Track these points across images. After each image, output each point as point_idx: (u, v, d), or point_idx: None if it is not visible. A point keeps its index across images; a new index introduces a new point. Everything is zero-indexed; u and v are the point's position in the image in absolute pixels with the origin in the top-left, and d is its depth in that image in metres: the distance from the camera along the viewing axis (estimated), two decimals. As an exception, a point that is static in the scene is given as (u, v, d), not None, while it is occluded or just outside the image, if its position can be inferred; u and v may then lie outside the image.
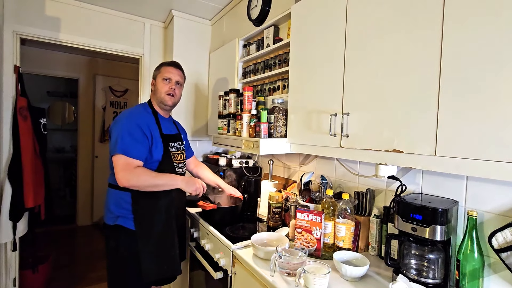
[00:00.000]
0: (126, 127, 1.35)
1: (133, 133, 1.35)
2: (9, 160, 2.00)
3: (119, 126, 1.37)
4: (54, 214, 2.45)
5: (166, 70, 1.53)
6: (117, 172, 1.29)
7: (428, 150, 0.87)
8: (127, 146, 1.32)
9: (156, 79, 1.54)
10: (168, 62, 1.58)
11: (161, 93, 1.51)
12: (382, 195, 1.35)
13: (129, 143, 1.32)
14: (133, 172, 1.30)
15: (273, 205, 1.61)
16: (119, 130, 1.35)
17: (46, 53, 3.71)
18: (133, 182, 1.29)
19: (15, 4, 2.04)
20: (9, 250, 2.04)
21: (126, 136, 1.33)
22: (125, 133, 1.33)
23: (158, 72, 1.54)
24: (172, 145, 1.52)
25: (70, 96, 4.82)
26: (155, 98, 1.54)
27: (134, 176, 1.29)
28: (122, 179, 1.28)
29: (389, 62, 0.98)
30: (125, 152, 1.31)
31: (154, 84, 1.56)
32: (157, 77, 1.54)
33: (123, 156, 1.30)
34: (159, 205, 1.43)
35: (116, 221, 1.38)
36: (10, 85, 2.03)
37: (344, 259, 1.15)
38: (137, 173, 1.31)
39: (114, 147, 1.32)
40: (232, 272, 1.35)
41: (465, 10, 0.78)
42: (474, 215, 0.92)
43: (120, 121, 1.39)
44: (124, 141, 1.32)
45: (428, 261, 1.02)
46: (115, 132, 1.35)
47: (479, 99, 0.76)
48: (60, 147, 4.88)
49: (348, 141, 1.14)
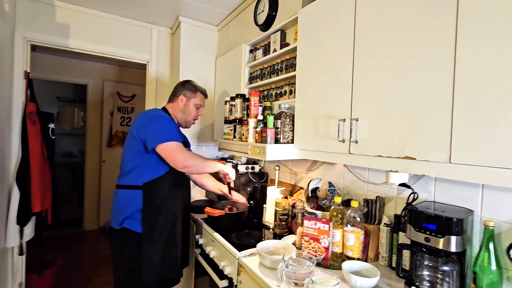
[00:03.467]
0: (167, 121, 1.49)
1: (174, 127, 1.50)
2: (17, 165, 2.02)
3: (159, 123, 1.46)
4: (61, 218, 2.45)
5: (202, 98, 1.71)
6: (176, 155, 1.39)
7: (443, 157, 0.83)
8: (174, 135, 1.44)
9: (189, 101, 1.66)
10: (203, 91, 1.74)
11: (189, 116, 1.67)
12: (392, 203, 1.31)
13: (174, 133, 1.46)
14: (189, 154, 1.45)
15: (279, 212, 1.58)
16: (161, 125, 1.45)
17: (56, 59, 3.78)
18: (191, 162, 1.42)
19: (27, 11, 2.09)
20: (16, 254, 2.05)
21: (171, 128, 1.47)
22: (169, 125, 1.47)
23: (194, 97, 1.67)
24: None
25: (79, 101, 4.90)
26: (181, 116, 1.66)
27: (191, 157, 1.44)
28: (183, 160, 1.39)
29: (400, 65, 0.96)
30: (175, 139, 1.43)
31: (184, 103, 1.66)
32: (191, 99, 1.66)
33: (174, 142, 1.41)
34: (167, 206, 1.46)
35: (123, 224, 1.40)
36: (20, 90, 2.06)
37: (354, 269, 1.11)
38: (191, 154, 1.47)
39: (163, 137, 1.40)
40: (238, 281, 1.32)
41: (480, 11, 0.75)
42: (491, 226, 0.88)
43: (157, 116, 1.49)
44: (171, 131, 1.45)
45: (442, 273, 0.97)
46: (158, 127, 1.44)
47: (497, 104, 0.72)
48: (68, 151, 4.95)
49: (357, 147, 1.11)
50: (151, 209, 1.43)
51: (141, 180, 1.44)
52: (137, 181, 1.44)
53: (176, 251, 1.48)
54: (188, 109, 1.66)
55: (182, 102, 1.65)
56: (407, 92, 0.93)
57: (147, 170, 1.45)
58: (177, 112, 1.66)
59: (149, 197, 1.43)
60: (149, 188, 1.44)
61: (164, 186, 1.47)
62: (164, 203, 1.46)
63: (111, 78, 4.21)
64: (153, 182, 1.44)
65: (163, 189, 1.46)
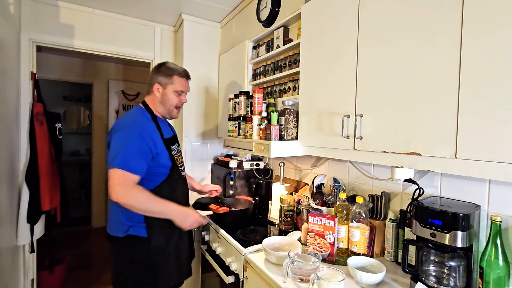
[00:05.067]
0: (130, 139, 1.25)
1: (135, 146, 1.25)
2: (26, 165, 2.05)
3: (121, 138, 1.26)
4: (70, 216, 2.49)
5: (180, 82, 1.42)
6: (113, 185, 1.18)
7: (448, 152, 0.83)
8: (127, 159, 1.21)
9: (166, 89, 1.41)
10: (181, 72, 1.44)
11: (171, 105, 1.42)
12: (397, 198, 1.31)
13: (130, 156, 1.22)
14: (131, 189, 1.20)
15: (284, 208, 1.59)
16: (122, 142, 1.25)
17: (61, 59, 3.82)
18: (128, 200, 1.19)
19: (31, 13, 2.10)
20: (27, 252, 2.09)
21: (128, 150, 1.23)
22: (128, 146, 1.24)
23: (170, 82, 1.41)
24: (172, 148, 1.45)
25: (85, 100, 4.94)
26: (161, 107, 1.43)
27: (131, 194, 1.19)
28: (117, 194, 1.18)
29: (405, 60, 0.95)
30: (123, 166, 1.20)
31: (161, 92, 1.41)
32: (168, 86, 1.40)
33: (120, 170, 1.19)
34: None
35: (128, 231, 1.31)
36: (27, 91, 2.09)
37: (359, 265, 1.12)
38: (135, 192, 1.20)
39: (113, 160, 1.21)
40: (244, 277, 1.33)
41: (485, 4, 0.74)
42: (498, 221, 0.87)
43: (122, 132, 1.28)
44: (125, 154, 1.22)
45: (448, 268, 0.97)
46: (116, 144, 1.25)
47: (502, 99, 0.72)
48: (75, 150, 5.01)
49: (361, 143, 1.11)
50: (155, 220, 1.32)
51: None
52: None
53: (183, 253, 1.43)
54: (167, 98, 1.41)
55: (158, 91, 1.41)
56: (412, 87, 0.93)
57: (143, 181, 1.29)
58: (157, 105, 1.43)
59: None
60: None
61: (164, 194, 1.33)
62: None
63: (115, 77, 4.24)
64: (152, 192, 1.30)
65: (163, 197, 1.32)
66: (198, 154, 2.50)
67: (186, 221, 1.32)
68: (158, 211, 1.27)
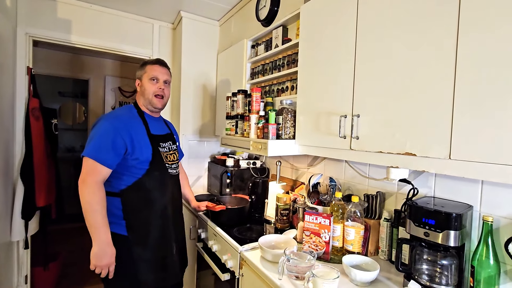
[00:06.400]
0: (103, 130, 1.28)
1: (108, 138, 1.26)
2: (21, 160, 2.04)
3: (96, 128, 1.29)
4: (65, 212, 2.48)
5: (152, 69, 1.43)
6: (82, 173, 1.24)
7: (443, 153, 0.84)
8: (99, 151, 1.24)
9: (142, 79, 1.44)
10: (152, 60, 1.47)
11: (149, 94, 1.42)
12: (392, 198, 1.33)
13: (101, 148, 1.25)
14: (92, 185, 1.23)
15: (280, 206, 1.60)
16: (96, 133, 1.28)
17: (57, 54, 3.78)
18: (81, 191, 1.23)
19: (28, 7, 2.08)
20: (21, 248, 2.08)
21: (101, 140, 1.26)
22: (100, 136, 1.26)
23: (143, 72, 1.44)
24: (162, 145, 1.45)
25: (81, 96, 4.90)
26: (143, 100, 1.45)
27: (88, 189, 1.22)
28: (80, 182, 1.23)
29: (402, 62, 0.96)
30: (95, 157, 1.23)
31: (140, 85, 1.46)
32: (143, 77, 1.44)
33: (90, 160, 1.23)
34: (154, 210, 1.36)
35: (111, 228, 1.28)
36: (23, 86, 2.07)
37: (354, 263, 1.13)
38: (92, 190, 1.22)
39: (87, 149, 1.25)
40: (240, 274, 1.34)
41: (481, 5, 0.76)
42: (489, 221, 0.89)
43: (99, 123, 1.31)
44: (97, 144, 1.25)
45: (441, 267, 0.99)
46: (92, 134, 1.29)
47: (496, 101, 0.73)
48: (71, 146, 4.96)
49: (358, 143, 1.12)
50: (134, 218, 1.33)
51: (117, 187, 1.32)
52: (114, 188, 1.32)
53: (171, 256, 1.41)
54: (144, 88, 1.43)
55: (138, 86, 1.47)
56: (409, 89, 0.94)
57: (120, 176, 1.32)
58: (140, 99, 1.47)
59: (129, 206, 1.32)
60: (127, 195, 1.32)
61: (142, 192, 1.33)
62: (150, 209, 1.35)
63: (112, 73, 4.21)
64: (129, 189, 1.32)
65: (143, 195, 1.33)
66: (195, 152, 2.50)
67: (102, 258, 1.24)
68: (94, 224, 1.23)
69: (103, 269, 1.26)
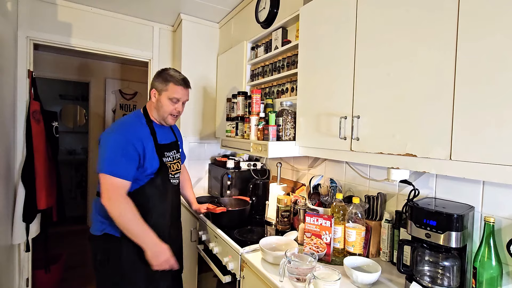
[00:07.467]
0: (116, 143, 1.25)
1: (122, 150, 1.25)
2: (22, 163, 2.04)
3: (108, 141, 1.26)
4: (66, 215, 2.48)
5: (175, 90, 1.38)
6: (104, 191, 1.21)
7: (443, 154, 0.84)
8: (115, 165, 1.22)
9: (161, 95, 1.38)
10: (177, 80, 1.39)
11: (165, 112, 1.39)
12: (393, 199, 1.32)
13: (117, 162, 1.23)
14: (119, 200, 1.22)
15: (281, 208, 1.60)
16: (108, 146, 1.25)
17: (58, 58, 3.79)
18: (112, 209, 1.20)
19: (29, 10, 2.09)
20: (22, 250, 2.08)
21: (115, 154, 1.24)
22: (114, 150, 1.24)
23: (164, 88, 1.38)
24: (167, 154, 1.44)
25: (82, 99, 4.92)
26: (156, 113, 1.42)
27: (117, 205, 1.21)
28: (105, 200, 1.21)
29: (401, 62, 0.96)
30: (112, 173, 1.21)
31: (156, 98, 1.40)
32: (162, 93, 1.38)
33: (108, 176, 1.21)
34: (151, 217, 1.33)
35: (105, 230, 1.30)
36: (23, 89, 2.08)
37: (355, 265, 1.13)
38: (122, 205, 1.22)
39: (101, 164, 1.23)
40: (241, 276, 1.34)
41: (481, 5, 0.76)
42: (491, 221, 0.89)
43: (110, 135, 1.28)
44: (113, 160, 1.23)
45: (442, 268, 0.98)
46: (104, 147, 1.25)
47: (497, 101, 0.73)
48: (72, 149, 4.97)
49: (358, 144, 1.12)
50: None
51: None
52: None
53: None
54: (161, 105, 1.38)
55: (155, 97, 1.40)
56: (409, 89, 0.94)
57: None
58: (152, 110, 1.43)
59: None
60: None
61: (142, 199, 1.32)
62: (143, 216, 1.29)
63: (113, 75, 4.22)
64: (129, 194, 1.29)
65: (142, 202, 1.31)
66: (195, 154, 2.50)
67: (158, 257, 1.26)
68: (135, 233, 1.23)
69: (165, 265, 1.29)
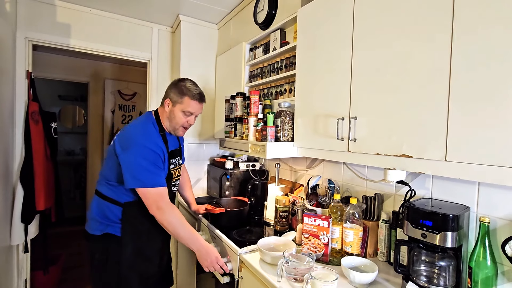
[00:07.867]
0: (146, 156, 1.28)
1: (154, 161, 1.30)
2: (21, 164, 2.04)
3: (137, 154, 1.27)
4: (65, 216, 2.48)
5: (190, 104, 1.40)
6: (152, 204, 1.27)
7: (439, 155, 0.85)
8: (152, 177, 1.27)
9: (175, 106, 1.40)
10: (194, 94, 1.41)
11: (177, 124, 1.42)
12: (391, 199, 1.33)
13: (155, 173, 1.28)
14: (169, 209, 1.28)
15: (280, 209, 1.60)
16: (140, 160, 1.26)
17: (57, 58, 3.79)
18: (166, 220, 1.27)
19: (28, 11, 2.09)
20: (21, 251, 2.08)
21: (150, 166, 1.28)
22: (147, 163, 1.27)
23: (179, 101, 1.39)
24: (172, 161, 1.47)
25: (80, 99, 4.92)
26: (168, 123, 1.44)
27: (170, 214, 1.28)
28: (157, 212, 1.27)
29: (398, 65, 0.97)
30: (155, 184, 1.27)
31: (170, 109, 1.42)
32: (177, 105, 1.40)
33: (153, 189, 1.27)
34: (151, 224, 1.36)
35: (105, 230, 1.33)
36: (22, 90, 2.08)
37: (352, 265, 1.14)
38: (172, 213, 1.28)
39: (136, 177, 1.25)
40: (239, 277, 1.35)
41: (475, 9, 0.77)
42: (486, 222, 0.90)
43: (135, 146, 1.28)
44: (151, 172, 1.27)
45: (438, 268, 0.99)
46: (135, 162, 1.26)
47: (491, 103, 0.74)
48: (70, 149, 4.97)
49: (355, 145, 1.13)
50: (130, 226, 1.35)
51: (123, 198, 1.35)
52: (119, 197, 1.35)
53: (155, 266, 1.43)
54: (174, 116, 1.41)
55: (168, 107, 1.42)
56: (405, 91, 0.95)
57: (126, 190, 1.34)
58: (164, 118, 1.44)
59: (128, 216, 1.35)
60: (130, 208, 1.35)
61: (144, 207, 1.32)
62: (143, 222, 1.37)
63: (112, 76, 4.22)
64: (134, 202, 1.34)
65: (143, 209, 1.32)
66: (194, 155, 2.50)
67: (205, 258, 1.33)
68: (186, 237, 1.31)
69: (213, 266, 1.34)
